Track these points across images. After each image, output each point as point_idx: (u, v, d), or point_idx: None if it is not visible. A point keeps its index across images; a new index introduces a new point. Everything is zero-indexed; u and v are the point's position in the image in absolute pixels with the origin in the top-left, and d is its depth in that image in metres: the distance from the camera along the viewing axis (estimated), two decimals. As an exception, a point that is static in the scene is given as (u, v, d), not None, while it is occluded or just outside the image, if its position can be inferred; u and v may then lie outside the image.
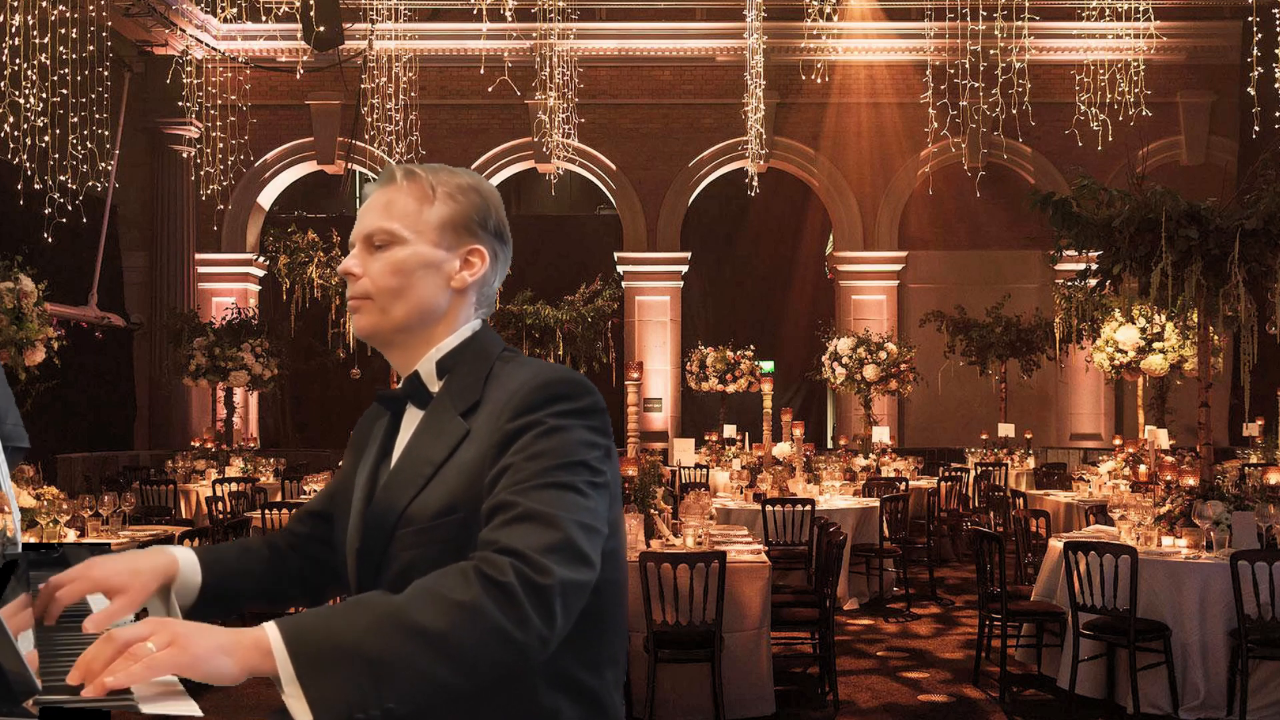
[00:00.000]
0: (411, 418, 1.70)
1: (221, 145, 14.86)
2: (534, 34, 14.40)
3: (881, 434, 12.47)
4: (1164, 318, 10.44)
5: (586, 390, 1.56)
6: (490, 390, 1.61)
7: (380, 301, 1.66)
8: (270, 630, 1.29)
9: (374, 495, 1.67)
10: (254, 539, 1.83)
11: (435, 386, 1.68)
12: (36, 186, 11.08)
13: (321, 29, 12.68)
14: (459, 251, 1.68)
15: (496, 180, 16.71)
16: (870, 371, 13.16)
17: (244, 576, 1.73)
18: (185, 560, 1.65)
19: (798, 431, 10.02)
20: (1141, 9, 13.51)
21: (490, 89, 15.12)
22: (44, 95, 11.04)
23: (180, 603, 1.64)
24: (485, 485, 1.51)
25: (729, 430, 13.24)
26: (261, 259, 15.91)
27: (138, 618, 1.41)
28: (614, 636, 1.61)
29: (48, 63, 11.00)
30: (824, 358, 13.68)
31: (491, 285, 1.73)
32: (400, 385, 1.72)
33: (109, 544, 2.13)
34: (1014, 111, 14.02)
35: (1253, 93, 12.15)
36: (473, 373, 1.65)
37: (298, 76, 14.33)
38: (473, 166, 16.12)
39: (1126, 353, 10.83)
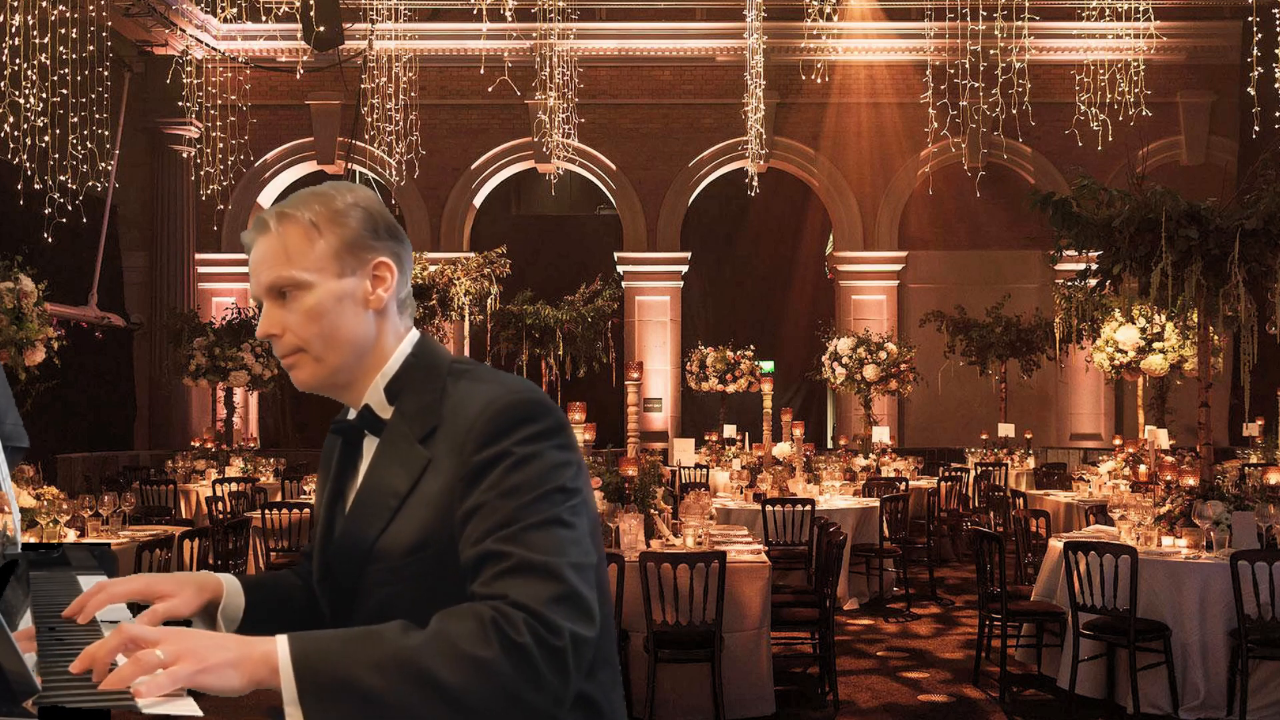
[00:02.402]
0: (370, 444, 1.66)
1: (221, 145, 14.86)
2: (534, 34, 14.39)
3: (881, 434, 12.46)
4: (1164, 318, 10.43)
5: (547, 409, 1.53)
6: (447, 412, 1.57)
7: (313, 351, 1.61)
8: (281, 647, 1.29)
9: (335, 527, 1.65)
10: (283, 573, 1.82)
11: (387, 413, 1.63)
12: (36, 186, 11.08)
13: (321, 29, 12.67)
14: (364, 271, 1.62)
15: (496, 180, 16.74)
16: (870, 371, 13.16)
17: (285, 604, 1.73)
18: (230, 585, 1.65)
19: (798, 431, 10.02)
20: (1141, 9, 13.50)
21: (490, 89, 15.11)
22: (44, 95, 11.04)
23: (226, 627, 1.65)
24: (457, 520, 1.48)
25: (729, 430, 13.22)
26: (261, 259, 15.87)
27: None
28: (602, 639, 1.60)
29: (48, 63, 10.99)
30: (824, 358, 13.68)
31: (406, 288, 1.69)
32: (354, 417, 1.68)
33: (109, 544, 2.13)
34: (1014, 111, 14.02)
35: (1253, 93, 12.15)
36: (425, 394, 1.61)
37: (298, 76, 14.33)
38: (472, 166, 16.18)
39: (1126, 353, 10.82)
